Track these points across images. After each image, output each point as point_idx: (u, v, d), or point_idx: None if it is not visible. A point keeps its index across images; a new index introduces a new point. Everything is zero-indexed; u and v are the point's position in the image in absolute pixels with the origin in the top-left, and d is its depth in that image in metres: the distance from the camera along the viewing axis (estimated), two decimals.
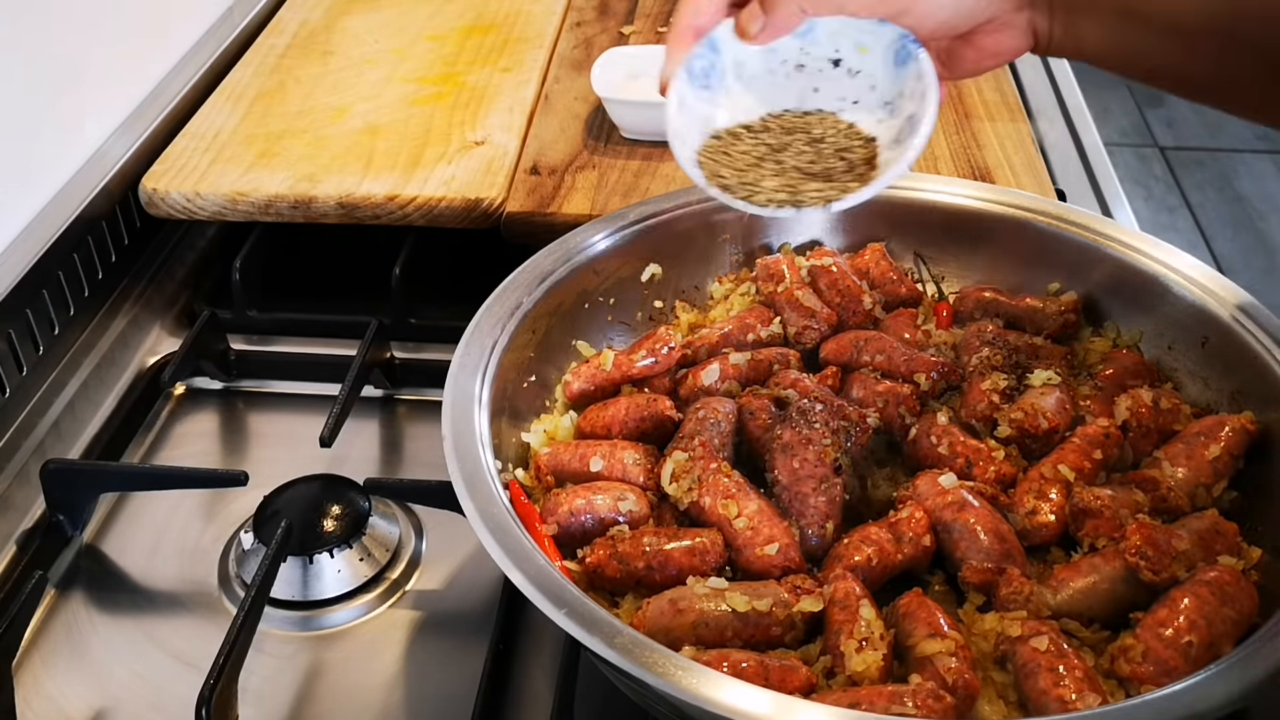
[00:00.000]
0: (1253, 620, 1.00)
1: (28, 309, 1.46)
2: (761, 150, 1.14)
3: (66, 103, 1.63)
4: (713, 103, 1.16)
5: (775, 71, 1.16)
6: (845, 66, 1.15)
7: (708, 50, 1.13)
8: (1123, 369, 1.27)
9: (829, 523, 1.12)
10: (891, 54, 1.12)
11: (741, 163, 1.13)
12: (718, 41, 1.13)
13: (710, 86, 1.15)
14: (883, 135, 1.14)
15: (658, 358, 1.31)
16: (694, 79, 1.14)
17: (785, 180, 1.11)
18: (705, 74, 1.14)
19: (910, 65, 1.11)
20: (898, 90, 1.13)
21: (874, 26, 1.11)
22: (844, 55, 1.15)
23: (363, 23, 2.11)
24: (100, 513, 1.39)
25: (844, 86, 1.15)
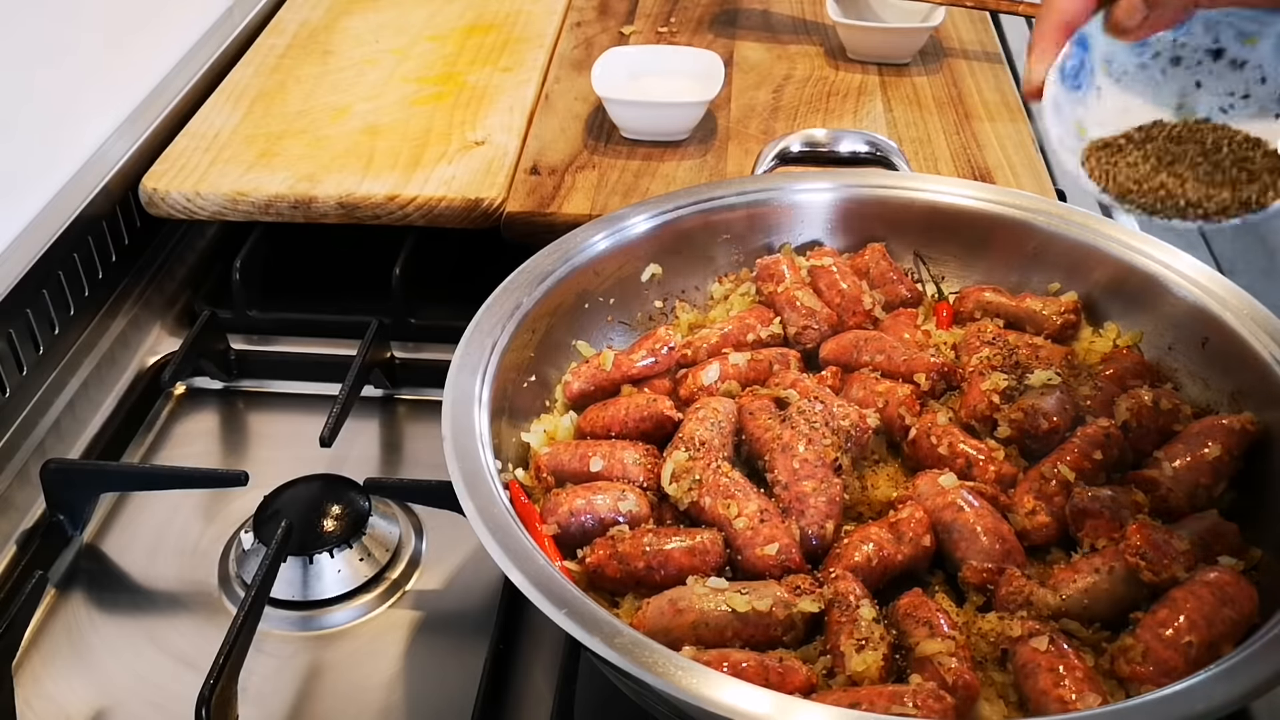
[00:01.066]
0: (1253, 621, 1.00)
1: (28, 309, 1.46)
2: (1152, 162, 1.06)
3: (67, 103, 1.63)
4: (1084, 104, 1.08)
5: (1148, 66, 1.08)
6: (1228, 58, 1.06)
7: (1077, 48, 1.05)
8: (1123, 369, 1.27)
9: (829, 523, 1.12)
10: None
11: (1138, 172, 1.05)
12: (1087, 37, 1.05)
13: (1081, 86, 1.07)
14: None
15: (658, 358, 1.31)
16: (1064, 79, 1.06)
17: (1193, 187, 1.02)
18: (1075, 74, 1.07)
19: None
20: None
21: (1261, 15, 1.02)
22: (1226, 45, 1.05)
23: (363, 23, 2.11)
24: (100, 513, 1.39)
25: (1228, 80, 1.06)
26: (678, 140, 1.78)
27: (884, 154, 1.64)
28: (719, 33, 2.12)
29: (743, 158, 1.75)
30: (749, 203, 1.44)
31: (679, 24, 2.16)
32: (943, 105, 1.86)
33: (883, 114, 1.85)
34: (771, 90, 1.93)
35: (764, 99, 1.91)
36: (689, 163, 1.74)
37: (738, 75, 1.97)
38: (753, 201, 1.45)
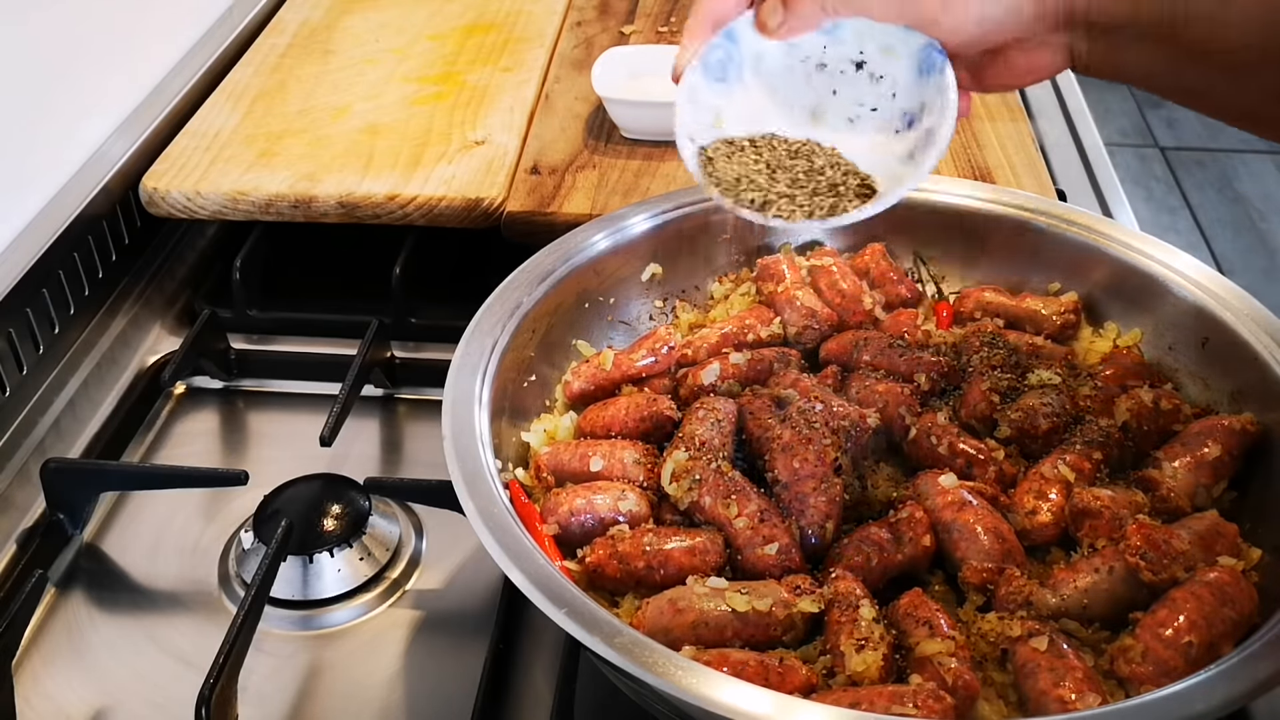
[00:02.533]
0: (1253, 621, 1.00)
1: (28, 308, 1.46)
2: (762, 165, 1.11)
3: (67, 102, 1.63)
4: (727, 95, 1.12)
5: (794, 70, 1.12)
6: (868, 70, 1.10)
7: (725, 41, 1.10)
8: (1123, 369, 1.27)
9: (829, 523, 1.12)
10: (916, 63, 1.08)
11: (743, 169, 1.11)
12: (736, 33, 1.09)
13: (726, 79, 1.11)
14: (897, 148, 1.10)
15: (658, 357, 1.31)
16: (709, 71, 1.10)
17: (782, 190, 1.09)
18: (722, 66, 1.11)
19: (934, 76, 1.06)
20: (919, 101, 1.08)
21: (902, 32, 1.06)
22: (868, 58, 1.10)
23: (363, 22, 2.11)
24: (100, 512, 1.39)
25: (863, 91, 1.11)
26: None
27: None
28: None
29: None
30: None
31: (679, 24, 2.15)
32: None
33: None
34: None
35: None
36: None
37: None
38: None
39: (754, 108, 1.13)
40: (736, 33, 1.09)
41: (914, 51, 1.07)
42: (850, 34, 1.09)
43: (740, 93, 1.12)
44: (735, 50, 1.11)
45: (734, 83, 1.12)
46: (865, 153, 1.12)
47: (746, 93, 1.12)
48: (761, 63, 1.12)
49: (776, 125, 1.14)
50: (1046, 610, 1.04)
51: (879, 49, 1.09)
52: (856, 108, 1.12)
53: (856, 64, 1.10)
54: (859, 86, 1.11)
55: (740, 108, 1.13)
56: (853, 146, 1.13)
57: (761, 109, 1.13)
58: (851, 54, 1.10)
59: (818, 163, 1.11)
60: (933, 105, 1.07)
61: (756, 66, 1.12)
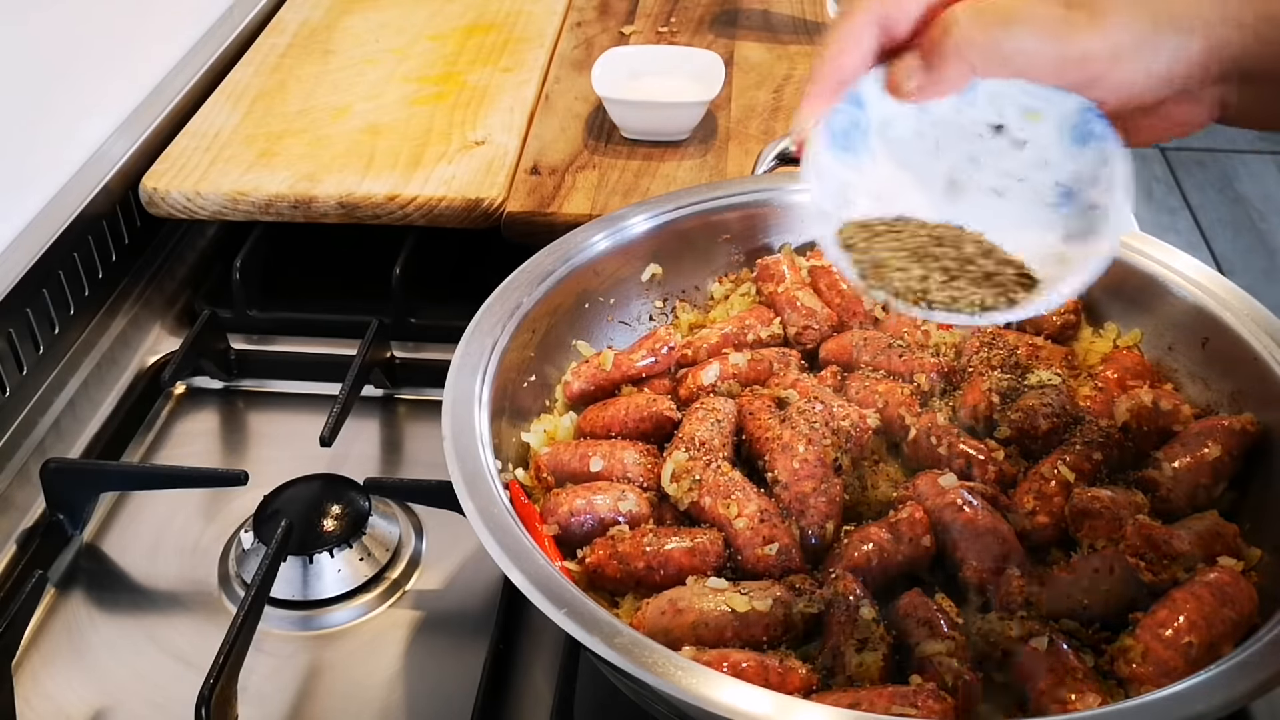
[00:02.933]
0: (1253, 621, 1.00)
1: (28, 308, 1.46)
2: (906, 252, 0.97)
3: (67, 102, 1.63)
4: (855, 168, 0.98)
5: (925, 135, 0.99)
6: (1010, 136, 0.97)
7: (851, 105, 0.96)
8: (1123, 369, 1.27)
9: (829, 523, 1.12)
10: (1069, 128, 0.94)
11: (888, 256, 0.97)
12: (863, 96, 0.95)
13: (851, 148, 0.98)
14: (1055, 225, 0.96)
15: (657, 357, 1.31)
16: (834, 139, 0.97)
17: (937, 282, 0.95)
18: (846, 134, 0.97)
19: (1093, 145, 0.93)
20: (1075, 172, 0.95)
21: (1048, 93, 0.91)
22: (1008, 121, 0.96)
23: (363, 22, 2.11)
24: (100, 512, 1.39)
25: (1007, 160, 0.98)
26: (678, 140, 1.78)
27: None
28: (719, 33, 2.12)
29: (743, 158, 1.75)
30: (749, 203, 1.44)
31: (679, 24, 2.16)
32: None
33: None
34: (772, 90, 1.93)
35: (764, 99, 1.91)
36: (689, 163, 1.74)
37: (738, 75, 1.97)
38: (753, 201, 1.45)
39: (885, 180, 1.00)
40: (863, 96, 0.95)
41: (1064, 114, 0.94)
42: (984, 96, 0.95)
43: (869, 163, 0.99)
44: (861, 116, 0.97)
45: (861, 152, 0.98)
46: (1016, 230, 0.98)
47: (875, 164, 0.99)
48: (889, 128, 0.98)
49: (912, 201, 1.00)
50: (1046, 610, 1.04)
51: (1019, 111, 0.95)
52: (1001, 179, 0.99)
53: (995, 127, 0.97)
54: (1003, 154, 0.98)
55: (870, 181, 0.99)
56: (1001, 224, 0.99)
57: (894, 181, 1.00)
58: (989, 117, 0.97)
59: (966, 250, 0.97)
60: (1096, 178, 0.94)
61: (884, 132, 0.98)
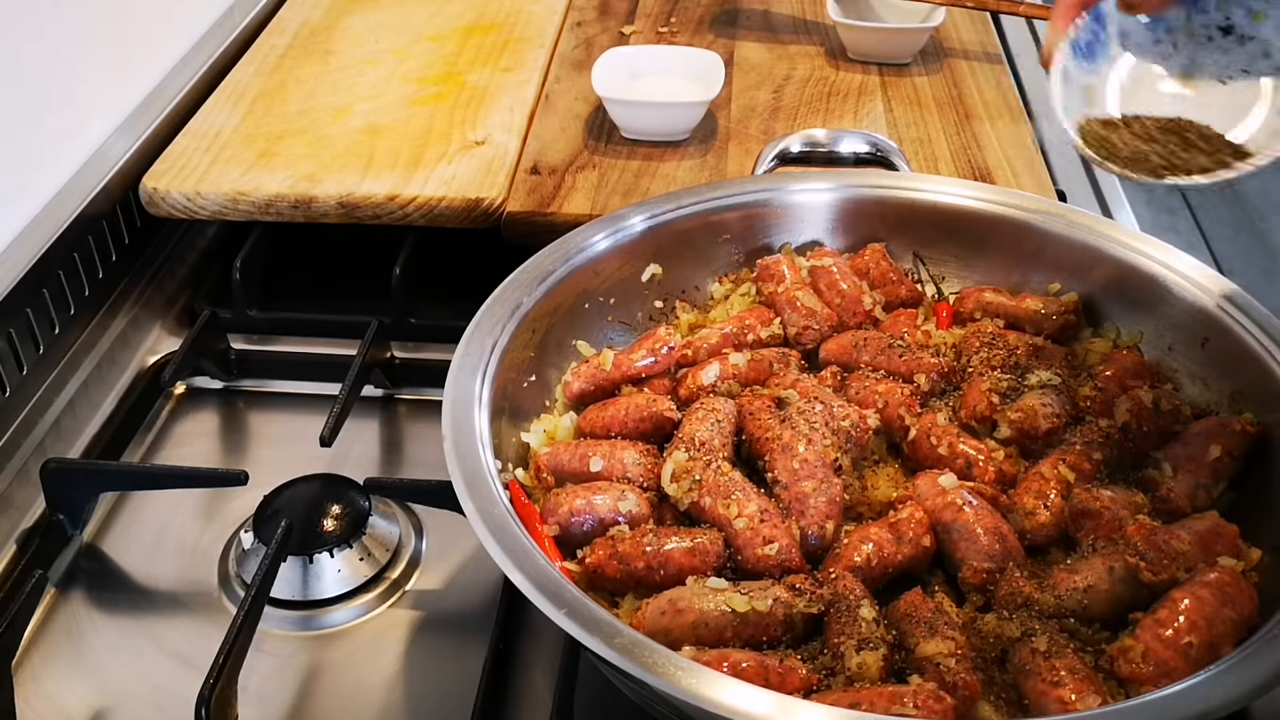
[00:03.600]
0: (1253, 621, 1.00)
1: (28, 308, 1.46)
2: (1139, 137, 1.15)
3: (67, 102, 1.63)
4: (1096, 74, 1.17)
5: (1162, 41, 1.17)
6: (1237, 33, 1.14)
7: (1092, 23, 1.15)
8: (1123, 370, 1.27)
9: (829, 523, 1.12)
10: None
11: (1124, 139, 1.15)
12: (1103, 14, 1.15)
13: (1094, 58, 1.17)
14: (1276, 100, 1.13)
15: (657, 357, 1.31)
16: (1077, 53, 1.16)
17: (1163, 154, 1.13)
18: (1089, 47, 1.17)
19: None
20: None
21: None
22: (1236, 21, 1.13)
23: (363, 23, 2.11)
24: (100, 512, 1.39)
25: (1233, 55, 1.14)
26: (678, 140, 1.78)
27: (884, 154, 1.64)
28: (719, 33, 2.12)
29: (743, 158, 1.75)
30: (749, 203, 1.44)
31: (679, 24, 2.16)
32: (943, 105, 1.86)
33: (883, 114, 1.85)
34: (772, 90, 1.93)
35: (764, 99, 1.91)
36: (689, 163, 1.74)
37: (738, 75, 1.97)
38: (753, 201, 1.45)
39: (1125, 81, 1.18)
40: (1103, 13, 1.15)
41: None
42: (1214, 3, 1.14)
43: (1109, 70, 1.18)
44: (1101, 31, 1.16)
45: (1102, 60, 1.17)
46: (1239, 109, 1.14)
47: (1116, 69, 1.18)
48: (1128, 39, 1.17)
49: (1147, 97, 1.17)
50: (1046, 610, 1.04)
51: (1246, 13, 1.13)
52: (1227, 70, 1.15)
53: (1224, 29, 1.14)
54: (1230, 50, 1.15)
55: (1111, 84, 1.18)
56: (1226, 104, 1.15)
57: (1133, 82, 1.18)
58: (1218, 20, 1.14)
59: (1190, 137, 1.14)
60: None
61: (1124, 42, 1.17)
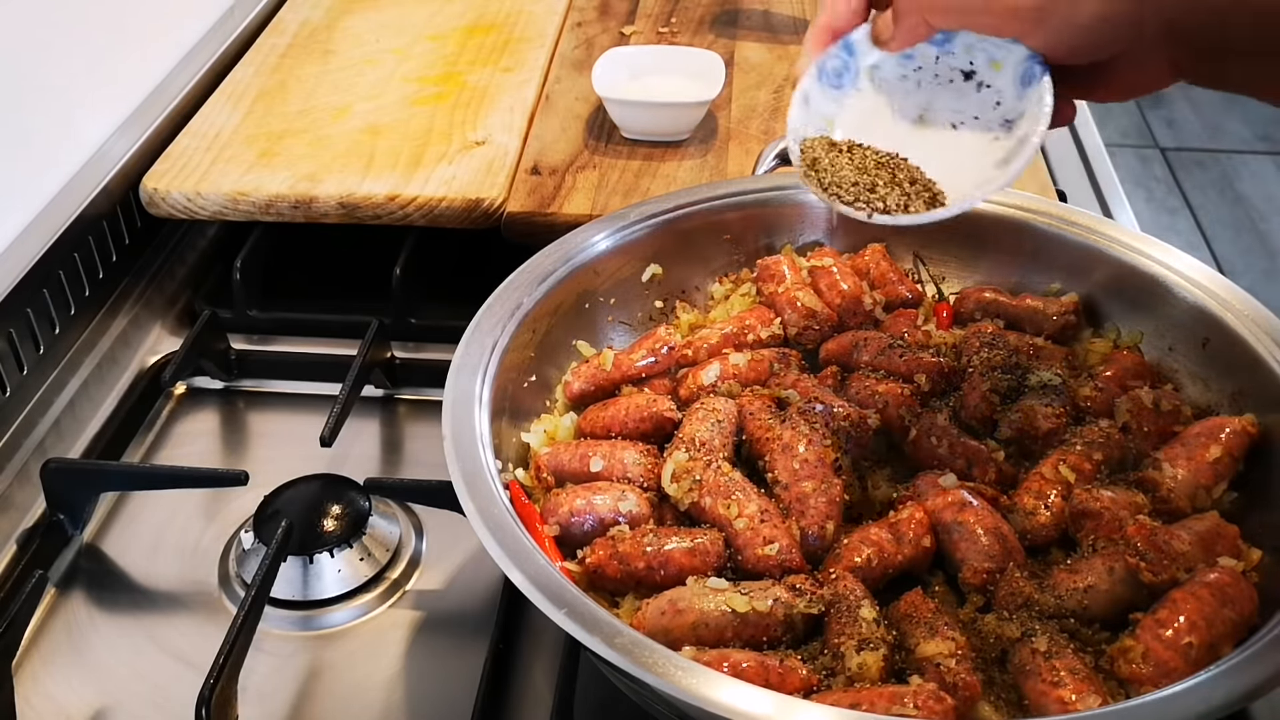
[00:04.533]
0: (1253, 622, 1.00)
1: (28, 308, 1.46)
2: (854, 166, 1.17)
3: (67, 102, 1.63)
4: (839, 102, 1.19)
5: (908, 78, 1.19)
6: (976, 80, 1.16)
7: (842, 52, 1.17)
8: (1123, 370, 1.27)
9: (829, 523, 1.12)
10: (1019, 73, 1.12)
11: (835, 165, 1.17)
12: (854, 44, 1.17)
13: (841, 86, 1.19)
14: (994, 153, 1.15)
15: (657, 357, 1.31)
16: (825, 78, 1.18)
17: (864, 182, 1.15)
18: (838, 74, 1.18)
19: (1034, 87, 1.10)
20: (1020, 110, 1.13)
21: (1007, 45, 1.11)
22: (978, 68, 1.16)
23: (364, 22, 2.11)
24: (100, 512, 1.39)
25: (970, 100, 1.17)
26: (678, 140, 1.78)
27: None
28: (720, 33, 2.12)
29: (743, 158, 1.75)
30: (749, 203, 1.44)
31: (680, 24, 2.16)
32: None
33: None
34: (772, 90, 1.93)
35: (765, 99, 1.91)
36: (690, 163, 1.74)
37: (738, 75, 1.97)
38: (753, 201, 1.45)
39: (864, 113, 1.20)
40: (854, 44, 1.17)
41: (1017, 63, 1.11)
42: (960, 47, 1.15)
43: (854, 99, 1.20)
44: (852, 60, 1.18)
45: (849, 89, 1.19)
46: (962, 157, 1.17)
47: (860, 99, 1.20)
48: (878, 71, 1.19)
49: (882, 129, 1.20)
50: (1047, 610, 1.04)
51: (986, 61, 1.15)
52: (960, 115, 1.18)
53: (965, 74, 1.17)
54: (967, 95, 1.17)
55: (851, 114, 1.20)
56: (952, 150, 1.18)
57: (871, 113, 1.20)
58: (962, 64, 1.16)
59: (899, 175, 1.16)
60: (1031, 114, 1.11)
61: (872, 75, 1.19)
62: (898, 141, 1.19)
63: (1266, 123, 5.30)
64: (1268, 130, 5.28)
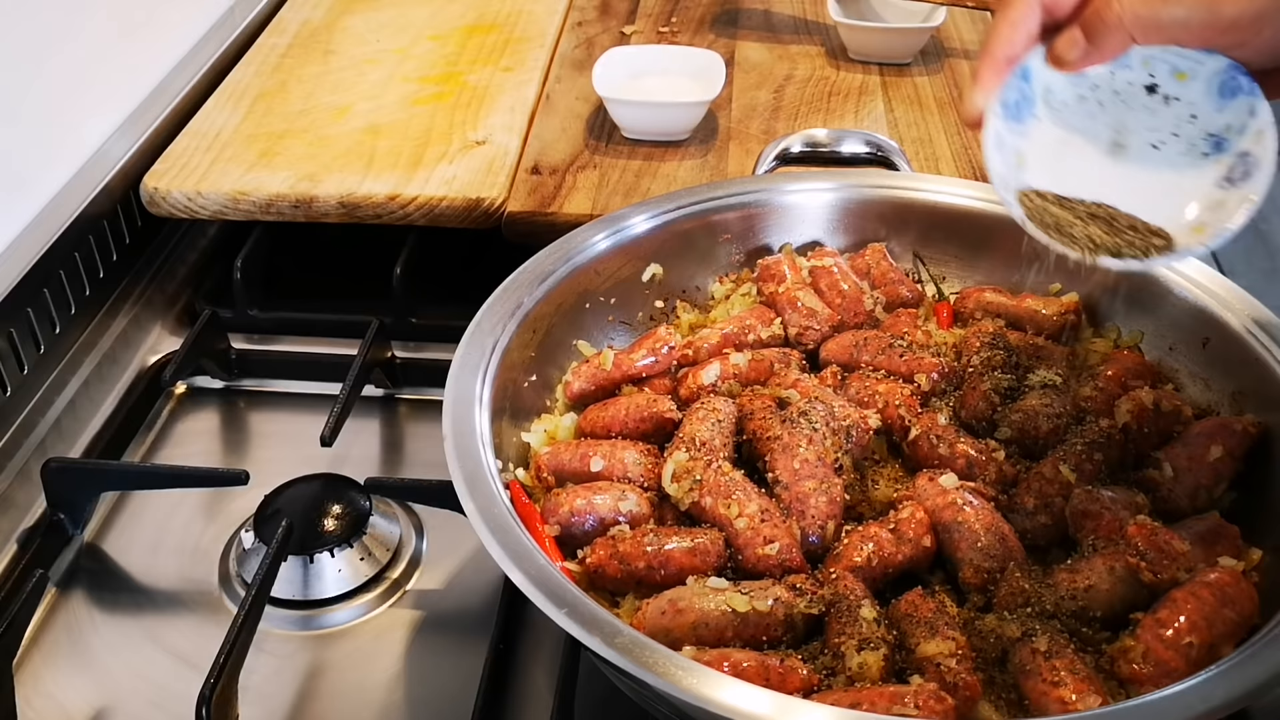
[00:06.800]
0: (1253, 622, 1.00)
1: (29, 308, 1.46)
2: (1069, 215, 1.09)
3: (68, 102, 1.63)
4: (1024, 135, 1.10)
5: (1086, 99, 1.11)
6: (1161, 93, 1.08)
7: (1019, 81, 1.08)
8: (1124, 370, 1.27)
9: (829, 523, 1.12)
10: (1216, 84, 1.05)
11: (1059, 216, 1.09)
12: (1030, 70, 1.07)
13: (1021, 119, 1.10)
14: (1210, 172, 1.07)
15: (657, 357, 1.31)
16: (1006, 111, 1.08)
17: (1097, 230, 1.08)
18: (1016, 105, 1.09)
19: (1240, 99, 1.04)
20: (1224, 124, 1.06)
21: (1196, 54, 1.04)
22: (1160, 81, 1.07)
23: (364, 22, 2.12)
24: (101, 511, 1.39)
25: (1160, 116, 1.09)
26: (679, 140, 1.78)
27: (885, 154, 1.64)
28: (720, 32, 2.12)
29: (744, 158, 1.75)
30: (750, 203, 1.44)
31: (680, 24, 2.16)
32: (944, 105, 1.86)
33: (884, 114, 1.85)
34: (773, 90, 1.93)
35: (765, 99, 1.91)
36: (690, 163, 1.74)
37: (739, 75, 1.97)
38: (753, 201, 1.45)
39: (1054, 144, 1.11)
40: (1030, 70, 1.07)
41: (1211, 74, 1.05)
42: (1137, 60, 1.07)
43: (1036, 130, 1.10)
44: (1027, 88, 1.09)
45: (1029, 120, 1.10)
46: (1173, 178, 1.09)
47: (1042, 129, 1.10)
48: (1051, 95, 1.10)
49: (1079, 162, 1.11)
50: (1047, 610, 1.04)
51: (1169, 72, 1.07)
52: (1157, 133, 1.09)
53: (1148, 88, 1.08)
54: (1156, 111, 1.09)
55: (1039, 147, 1.11)
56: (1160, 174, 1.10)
57: (1062, 143, 1.11)
58: (1141, 79, 1.08)
59: (1117, 225, 1.09)
60: (1243, 128, 1.05)
61: (1047, 99, 1.10)
62: (1101, 173, 1.10)
63: None
64: None
